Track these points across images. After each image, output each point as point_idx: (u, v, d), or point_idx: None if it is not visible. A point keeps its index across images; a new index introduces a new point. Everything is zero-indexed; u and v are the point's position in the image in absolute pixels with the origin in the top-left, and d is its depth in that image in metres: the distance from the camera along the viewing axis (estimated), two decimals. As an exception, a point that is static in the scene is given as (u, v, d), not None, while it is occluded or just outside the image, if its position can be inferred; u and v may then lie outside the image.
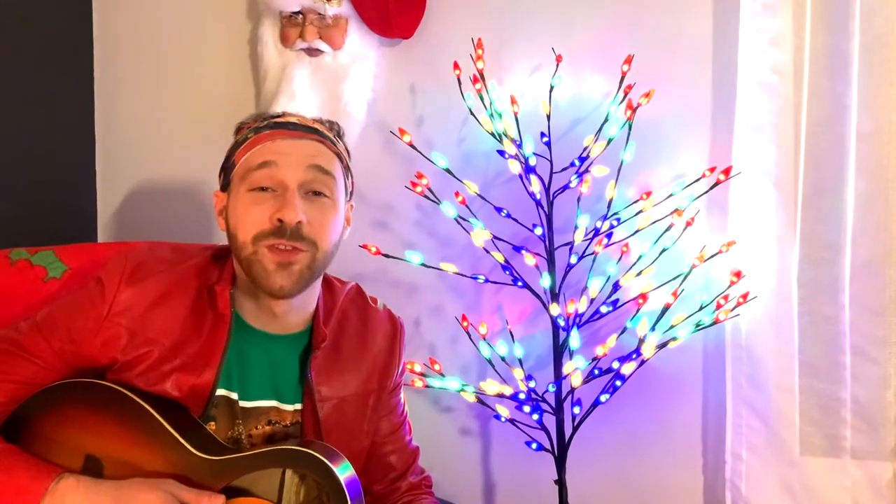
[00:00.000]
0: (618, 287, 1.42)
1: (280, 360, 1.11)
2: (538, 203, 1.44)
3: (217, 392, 1.06)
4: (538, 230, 1.43)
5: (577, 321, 1.41)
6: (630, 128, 1.42)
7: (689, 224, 1.43)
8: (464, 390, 1.43)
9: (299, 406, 1.11)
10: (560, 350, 1.43)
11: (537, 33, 1.61)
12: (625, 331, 1.41)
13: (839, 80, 1.42)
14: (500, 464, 1.67)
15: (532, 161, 1.44)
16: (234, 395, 1.08)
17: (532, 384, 1.42)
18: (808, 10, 1.44)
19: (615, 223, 1.44)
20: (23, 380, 1.05)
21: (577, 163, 1.45)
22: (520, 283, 1.45)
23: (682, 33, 1.55)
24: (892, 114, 1.41)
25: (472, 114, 1.49)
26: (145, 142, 1.86)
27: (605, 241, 1.43)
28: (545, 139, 1.46)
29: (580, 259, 1.42)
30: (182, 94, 1.83)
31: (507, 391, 1.41)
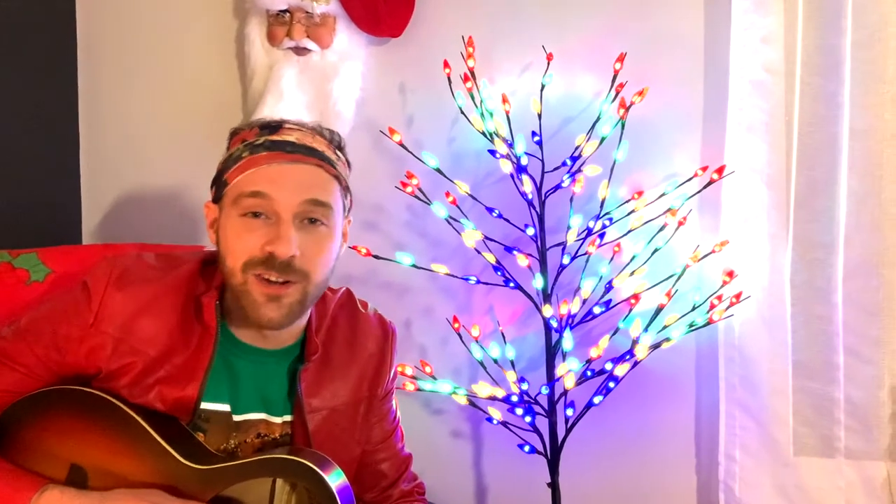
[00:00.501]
0: (610, 287, 1.42)
1: (269, 373, 1.09)
2: (530, 203, 1.42)
3: (203, 405, 1.03)
4: (530, 230, 1.42)
5: (570, 322, 1.40)
6: (623, 126, 1.41)
7: (681, 224, 1.42)
8: (455, 393, 1.42)
9: (288, 418, 1.09)
10: (553, 351, 1.42)
11: (528, 31, 1.60)
12: (617, 331, 1.40)
13: (831, 78, 1.42)
14: (492, 467, 1.65)
15: (524, 160, 1.42)
16: (227, 408, 1.06)
17: (525, 386, 1.41)
18: (799, 8, 1.44)
19: (607, 223, 1.43)
20: (5, 388, 1.02)
21: (568, 162, 1.44)
22: (512, 284, 1.43)
23: (673, 32, 1.54)
24: (885, 112, 1.41)
25: (462, 113, 1.47)
26: (130, 142, 1.83)
27: (597, 241, 1.42)
28: (536, 138, 1.45)
29: (573, 259, 1.42)
30: (168, 94, 1.81)
31: (500, 393, 1.40)
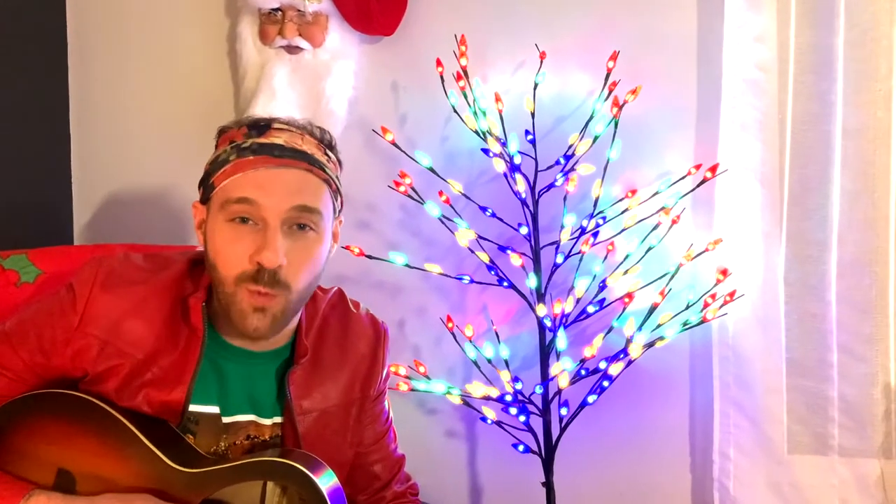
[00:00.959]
0: (604, 286, 1.41)
1: (258, 375, 1.08)
2: (523, 202, 1.42)
3: (191, 408, 1.02)
4: (523, 229, 1.42)
5: (564, 321, 1.39)
6: (616, 125, 1.40)
7: (675, 222, 1.42)
8: (450, 393, 1.42)
9: (278, 419, 1.08)
10: (547, 351, 1.41)
11: (521, 30, 1.59)
12: (611, 330, 1.40)
13: (824, 77, 1.42)
14: (486, 466, 1.65)
15: (517, 159, 1.42)
16: (216, 410, 1.05)
17: (518, 385, 1.40)
18: (792, 6, 1.43)
19: (601, 222, 1.42)
20: None
21: (562, 161, 1.43)
22: (505, 284, 1.43)
23: (666, 30, 1.54)
24: (878, 110, 1.41)
25: (455, 112, 1.47)
26: (122, 141, 1.82)
27: (591, 239, 1.41)
28: (530, 137, 1.44)
29: (566, 258, 1.41)
30: (159, 93, 1.80)
31: (494, 393, 1.40)
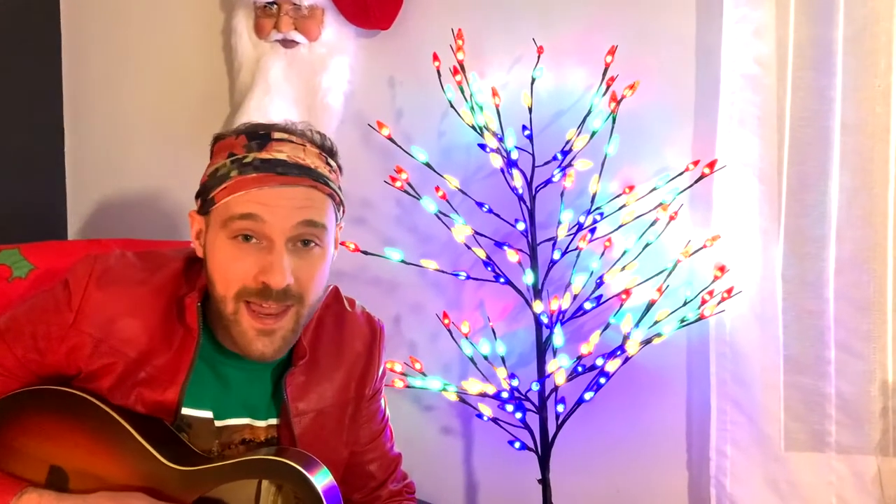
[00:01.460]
0: (601, 283, 1.41)
1: (253, 377, 1.06)
2: (520, 198, 1.41)
3: (184, 411, 1.01)
4: (520, 225, 1.41)
5: (561, 318, 1.39)
6: (614, 120, 1.40)
7: (672, 218, 1.41)
8: (445, 389, 1.41)
9: (273, 421, 1.07)
10: (543, 347, 1.41)
11: (518, 24, 1.58)
12: (608, 327, 1.39)
13: (823, 72, 1.41)
14: (482, 463, 1.64)
15: (514, 155, 1.41)
16: (209, 414, 1.03)
17: (515, 382, 1.40)
18: (791, 1, 1.42)
19: (598, 218, 1.41)
20: None
21: (559, 156, 1.42)
22: (502, 280, 1.42)
23: (664, 25, 1.53)
24: (876, 105, 1.40)
25: (452, 106, 1.46)
26: (115, 136, 1.81)
27: (588, 236, 1.40)
28: (527, 132, 1.43)
29: (563, 254, 1.40)
30: (154, 89, 1.79)
31: (490, 390, 1.39)
